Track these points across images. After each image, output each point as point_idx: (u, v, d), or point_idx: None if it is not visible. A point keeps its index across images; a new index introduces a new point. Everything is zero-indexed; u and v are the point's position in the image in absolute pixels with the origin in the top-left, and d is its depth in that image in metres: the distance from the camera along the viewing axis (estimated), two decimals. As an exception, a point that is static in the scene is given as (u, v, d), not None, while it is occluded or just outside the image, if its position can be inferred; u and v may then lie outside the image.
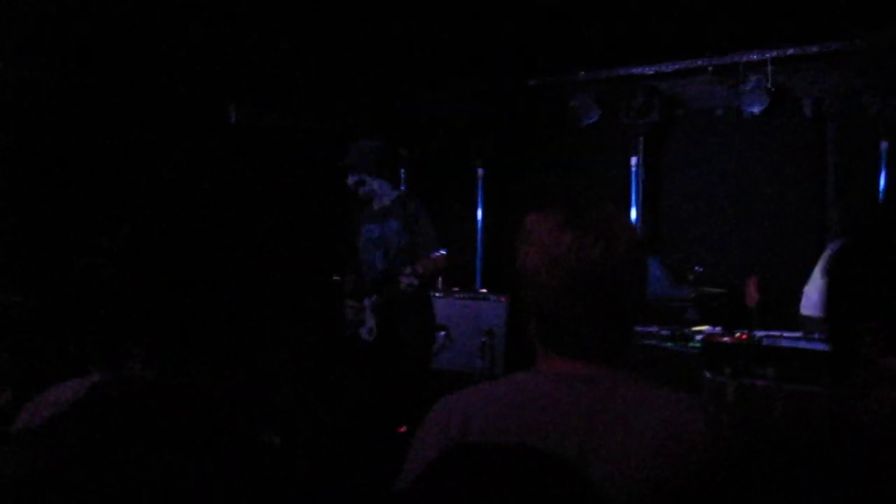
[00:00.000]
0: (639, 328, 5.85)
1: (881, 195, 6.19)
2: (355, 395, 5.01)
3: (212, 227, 1.74)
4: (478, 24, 6.23)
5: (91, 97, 5.18)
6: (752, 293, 5.63)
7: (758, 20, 6.08)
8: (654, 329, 5.62)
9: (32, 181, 4.77)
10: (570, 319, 1.53)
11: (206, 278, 1.59)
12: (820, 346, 4.67)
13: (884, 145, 6.17)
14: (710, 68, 6.78)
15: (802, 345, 4.80)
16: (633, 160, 7.23)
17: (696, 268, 6.06)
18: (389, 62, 6.94)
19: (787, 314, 5.57)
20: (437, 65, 7.16)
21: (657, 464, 1.42)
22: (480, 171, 7.89)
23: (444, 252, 5.00)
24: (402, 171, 7.86)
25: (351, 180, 5.00)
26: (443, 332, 6.64)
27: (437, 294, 6.65)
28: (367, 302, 4.98)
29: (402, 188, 7.41)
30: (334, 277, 5.28)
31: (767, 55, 6.54)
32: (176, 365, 1.28)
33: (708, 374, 4.65)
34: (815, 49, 6.43)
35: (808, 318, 5.56)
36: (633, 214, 7.24)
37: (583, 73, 7.16)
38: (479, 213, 7.93)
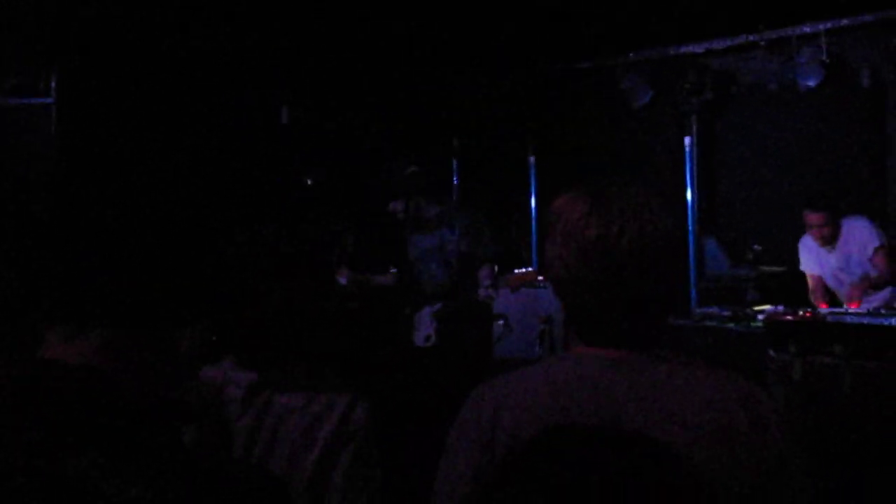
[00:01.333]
0: (699, 310, 5.80)
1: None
2: (409, 399, 5.03)
3: (246, 227, 1.76)
4: (525, 11, 6.20)
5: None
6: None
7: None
8: (714, 310, 5.56)
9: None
10: (599, 308, 1.50)
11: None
12: (888, 322, 4.58)
13: (946, 112, 6.02)
14: (762, 43, 6.66)
15: (869, 320, 4.71)
16: (687, 140, 7.13)
17: (755, 246, 5.96)
18: (440, 54, 6.94)
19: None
20: (487, 53, 7.15)
21: (700, 442, 1.40)
22: (532, 160, 7.86)
23: (532, 269, 5.04)
24: (455, 161, 7.88)
25: (395, 206, 5.10)
26: (501, 322, 6.65)
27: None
28: (427, 309, 5.02)
29: (453, 197, 7.42)
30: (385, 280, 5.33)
31: (821, 27, 6.42)
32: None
33: (772, 353, 4.58)
34: (869, 18, 6.29)
35: None
36: (689, 195, 7.16)
37: (632, 53, 7.08)
38: (533, 202, 7.90)
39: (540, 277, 6.95)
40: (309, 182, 6.51)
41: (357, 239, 5.87)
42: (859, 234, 5.50)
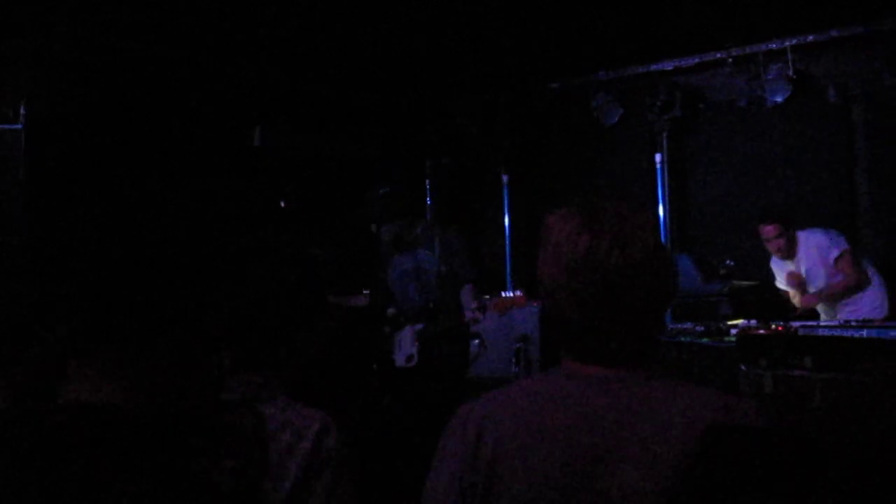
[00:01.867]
0: (672, 325, 5.82)
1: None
2: (390, 419, 5.01)
3: (222, 241, 1.75)
4: (496, 31, 6.24)
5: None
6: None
7: (775, 8, 6.04)
8: (688, 325, 5.57)
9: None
10: (589, 325, 1.51)
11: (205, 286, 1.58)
12: (857, 334, 4.61)
13: (912, 126, 6.10)
14: (729, 60, 6.74)
15: (839, 333, 4.74)
16: (658, 157, 7.19)
17: (727, 262, 6.01)
18: (413, 74, 6.96)
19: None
20: (459, 74, 7.18)
21: (685, 461, 1.40)
22: (505, 178, 7.88)
23: (520, 293, 5.02)
24: (428, 181, 7.87)
25: (382, 231, 5.12)
26: (476, 341, 6.63)
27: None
28: (408, 330, 5.00)
29: (428, 216, 7.42)
30: (360, 301, 5.32)
31: (787, 43, 6.50)
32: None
33: (743, 367, 4.60)
34: (835, 34, 6.38)
35: None
36: (661, 211, 7.20)
37: (602, 72, 7.14)
38: (507, 219, 7.91)
39: (533, 303, 6.96)
40: (282, 204, 6.50)
41: (330, 260, 5.86)
42: (815, 245, 5.56)
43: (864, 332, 4.63)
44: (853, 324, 5.04)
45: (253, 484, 1.36)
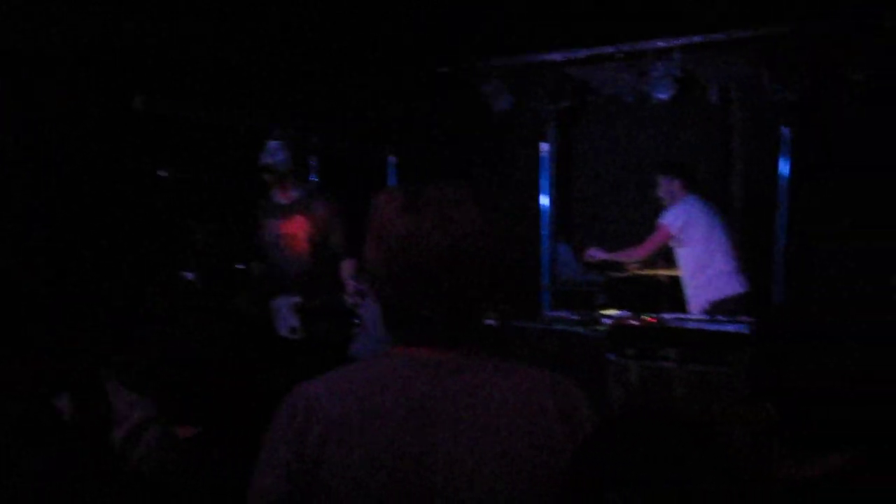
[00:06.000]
0: (549, 313, 5.90)
1: (783, 180, 6.34)
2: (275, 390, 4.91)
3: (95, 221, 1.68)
4: (387, 11, 6.18)
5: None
6: None
7: (665, 8, 6.15)
8: (564, 314, 5.66)
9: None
10: (413, 307, 1.50)
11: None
12: (723, 328, 4.76)
13: (785, 131, 6.32)
14: (619, 55, 6.83)
15: (706, 326, 4.89)
16: (544, 146, 7.28)
17: (607, 252, 6.12)
18: (299, 52, 6.84)
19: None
20: (348, 54, 7.09)
21: (512, 440, 1.41)
22: (392, 160, 7.85)
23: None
24: (313, 161, 7.77)
25: (264, 161, 4.93)
26: (357, 320, 6.58)
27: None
28: (284, 299, 4.87)
29: (312, 177, 7.33)
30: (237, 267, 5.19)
31: (675, 42, 6.63)
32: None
33: (611, 357, 4.70)
34: (721, 37, 6.53)
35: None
36: (544, 200, 7.30)
37: (494, 59, 7.15)
38: (393, 201, 7.86)
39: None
40: (163, 175, 6.29)
41: (211, 234, 5.71)
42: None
43: (730, 327, 4.79)
44: (720, 318, 5.20)
45: None
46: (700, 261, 5.69)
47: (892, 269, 5.59)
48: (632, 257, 5.82)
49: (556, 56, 7.03)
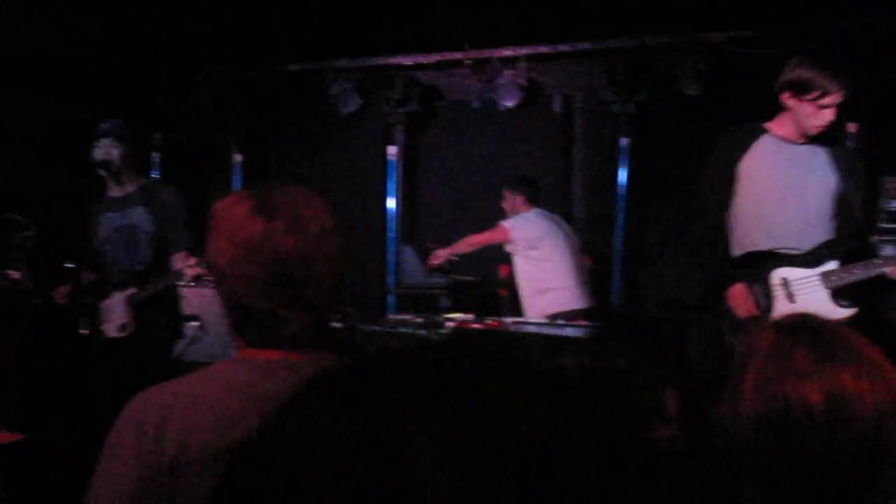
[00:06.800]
0: (393, 315, 5.90)
1: (621, 188, 6.56)
2: (98, 392, 4.68)
3: None
4: (236, 7, 6.01)
5: None
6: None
7: (512, 17, 6.26)
8: (408, 317, 5.67)
9: None
10: (263, 309, 1.50)
11: None
12: (562, 332, 4.88)
13: (624, 141, 6.55)
14: (467, 62, 6.91)
15: (545, 330, 4.99)
16: (392, 149, 7.28)
17: (451, 256, 6.16)
18: (145, 46, 6.59)
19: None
20: (194, 50, 6.88)
21: None
22: (238, 158, 7.68)
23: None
24: (158, 157, 7.52)
25: (97, 157, 4.68)
26: (196, 323, 6.38)
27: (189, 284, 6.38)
28: (118, 295, 4.65)
29: (155, 173, 7.10)
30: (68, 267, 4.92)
31: (521, 51, 6.76)
32: None
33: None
34: (566, 48, 6.71)
35: None
36: (392, 204, 7.30)
37: (342, 60, 7.09)
38: (236, 200, 7.68)
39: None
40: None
41: (40, 232, 5.43)
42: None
43: (569, 330, 4.91)
44: (561, 322, 5.32)
45: None
46: (539, 280, 5.72)
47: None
48: (467, 243, 5.87)
49: (405, 59, 7.05)
